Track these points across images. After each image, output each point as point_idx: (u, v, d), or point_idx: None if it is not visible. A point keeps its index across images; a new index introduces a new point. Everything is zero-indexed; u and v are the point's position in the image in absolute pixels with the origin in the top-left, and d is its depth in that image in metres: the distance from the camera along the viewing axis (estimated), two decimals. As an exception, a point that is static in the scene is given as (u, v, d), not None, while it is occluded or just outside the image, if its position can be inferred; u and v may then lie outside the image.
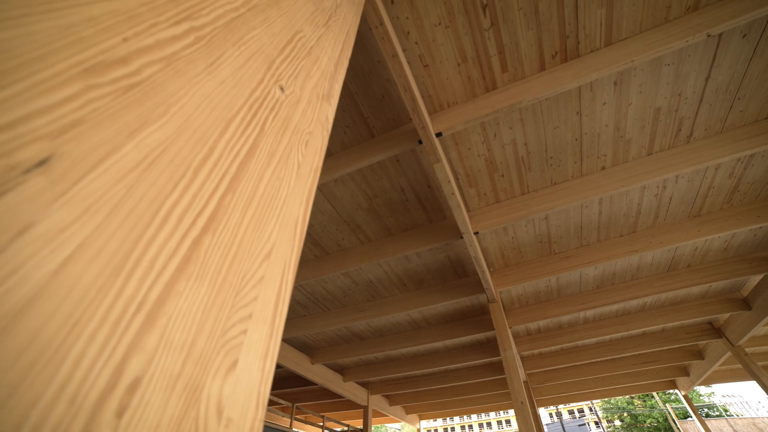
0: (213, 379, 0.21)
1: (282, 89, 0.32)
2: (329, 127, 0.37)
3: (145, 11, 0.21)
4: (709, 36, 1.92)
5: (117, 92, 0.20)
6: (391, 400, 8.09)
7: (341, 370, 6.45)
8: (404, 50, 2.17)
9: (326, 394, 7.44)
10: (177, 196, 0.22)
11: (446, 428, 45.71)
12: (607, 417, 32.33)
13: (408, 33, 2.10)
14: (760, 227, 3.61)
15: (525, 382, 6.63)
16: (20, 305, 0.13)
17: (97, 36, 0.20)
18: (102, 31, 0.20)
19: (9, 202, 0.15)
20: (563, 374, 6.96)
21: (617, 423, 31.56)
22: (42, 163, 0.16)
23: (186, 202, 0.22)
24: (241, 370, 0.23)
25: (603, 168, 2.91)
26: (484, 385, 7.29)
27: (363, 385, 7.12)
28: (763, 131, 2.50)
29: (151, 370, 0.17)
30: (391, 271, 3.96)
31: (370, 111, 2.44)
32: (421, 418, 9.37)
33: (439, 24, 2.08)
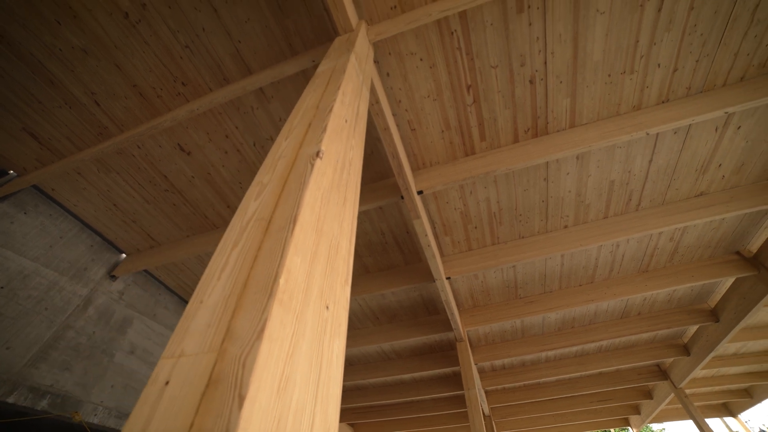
0: None
1: (327, 308, 0.46)
2: (348, 305, 0.52)
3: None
4: (647, 134, 2.28)
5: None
6: (356, 429, 7.92)
7: (307, 398, 6.31)
8: (395, 115, 2.40)
9: (289, 422, 7.18)
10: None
11: (409, 457, 44.19)
12: (566, 450, 32.90)
13: (400, 101, 2.34)
14: (695, 285, 4.05)
15: (488, 417, 6.75)
16: None
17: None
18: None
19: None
20: (525, 409, 7.16)
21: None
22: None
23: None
24: None
25: (566, 227, 3.22)
26: (449, 418, 7.33)
27: (328, 414, 6.97)
28: (693, 208, 2.90)
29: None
30: (365, 305, 4.07)
31: (359, 163, 2.63)
32: (384, 449, 9.16)
33: (428, 97, 2.34)
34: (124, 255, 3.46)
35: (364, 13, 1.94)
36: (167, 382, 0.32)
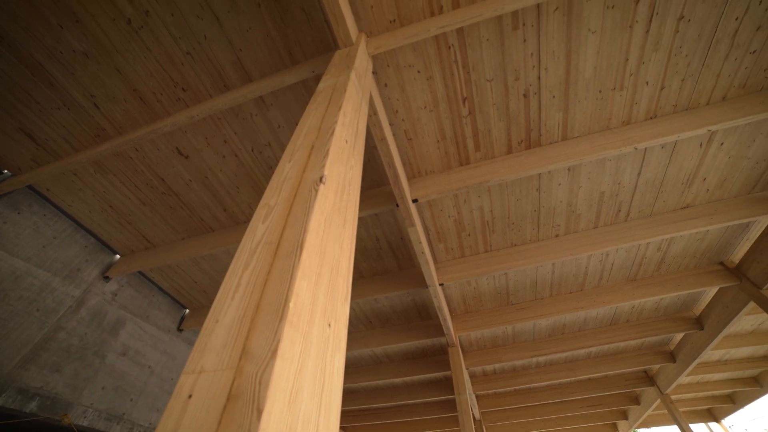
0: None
1: (329, 326, 0.50)
2: (347, 321, 0.56)
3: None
4: (636, 149, 2.36)
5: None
6: (347, 433, 7.91)
7: (298, 401, 6.29)
8: (392, 125, 2.45)
9: (279, 425, 7.15)
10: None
11: (399, 461, 44.26)
12: (556, 454, 33.66)
13: (397, 111, 2.39)
14: (681, 294, 4.16)
15: (479, 421, 6.80)
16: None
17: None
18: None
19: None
20: (516, 414, 7.23)
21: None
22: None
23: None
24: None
25: (557, 236, 3.30)
26: (440, 422, 7.36)
27: (319, 417, 6.95)
28: (679, 219, 3.00)
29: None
30: (359, 309, 4.10)
31: (356, 170, 2.68)
32: (375, 453, 9.15)
33: (425, 108, 2.39)
34: (118, 256, 3.44)
35: (364, 25, 1.99)
36: (190, 396, 0.36)
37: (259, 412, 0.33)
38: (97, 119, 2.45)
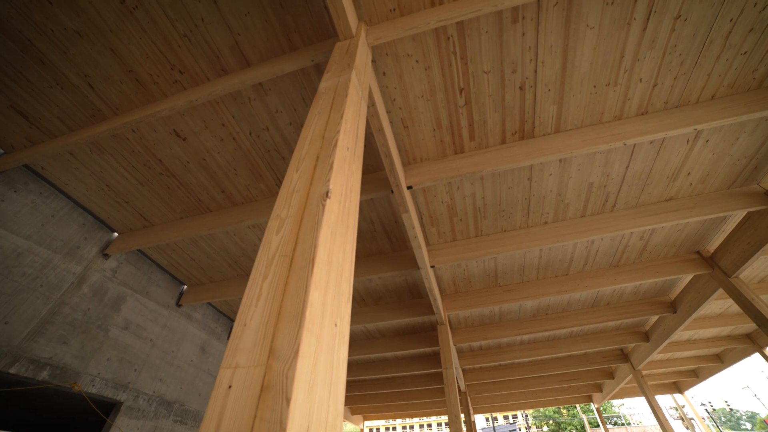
0: None
1: (336, 325, 0.59)
2: (349, 318, 0.65)
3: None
4: (625, 144, 2.44)
5: None
6: (339, 402, 8.39)
7: (294, 372, 6.61)
8: (389, 112, 2.48)
9: (275, 394, 7.53)
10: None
11: (388, 428, 47.15)
12: (535, 423, 36.78)
13: (394, 100, 2.42)
14: (659, 280, 4.39)
15: (464, 393, 7.25)
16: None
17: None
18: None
19: None
20: (499, 386, 7.71)
21: (544, 429, 35.95)
22: None
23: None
24: None
25: (545, 223, 3.43)
26: (427, 393, 7.83)
27: (313, 387, 7.32)
28: (662, 211, 3.14)
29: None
30: (353, 288, 4.26)
31: (353, 157, 2.72)
32: (366, 418, 9.75)
33: (422, 97, 2.42)
34: (116, 234, 3.49)
35: (364, 13, 1.98)
36: (230, 386, 0.46)
37: (288, 400, 0.43)
38: (92, 99, 2.42)
